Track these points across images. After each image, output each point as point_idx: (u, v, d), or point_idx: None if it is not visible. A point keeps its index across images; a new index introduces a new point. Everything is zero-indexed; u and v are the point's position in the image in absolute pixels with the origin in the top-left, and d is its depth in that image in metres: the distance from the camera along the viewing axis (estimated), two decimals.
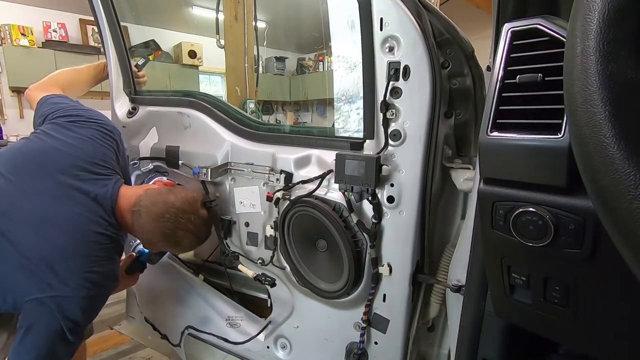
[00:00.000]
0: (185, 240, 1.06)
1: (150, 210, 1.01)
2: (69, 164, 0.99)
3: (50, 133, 1.03)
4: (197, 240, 1.10)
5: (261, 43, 3.19)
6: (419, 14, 0.84)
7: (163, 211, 1.01)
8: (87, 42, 5.53)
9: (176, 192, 1.08)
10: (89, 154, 1.03)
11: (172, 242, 1.05)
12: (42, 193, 0.94)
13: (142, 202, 1.02)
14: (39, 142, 1.02)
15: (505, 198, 0.56)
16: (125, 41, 1.39)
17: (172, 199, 1.04)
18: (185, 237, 1.05)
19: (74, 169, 0.99)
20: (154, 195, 1.05)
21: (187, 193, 1.10)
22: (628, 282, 0.45)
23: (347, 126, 1.03)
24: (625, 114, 0.31)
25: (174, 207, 1.03)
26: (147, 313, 1.55)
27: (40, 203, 0.93)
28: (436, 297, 0.98)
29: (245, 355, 1.33)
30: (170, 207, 1.03)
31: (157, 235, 1.03)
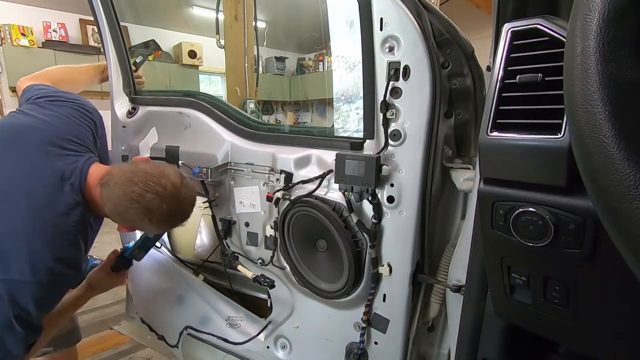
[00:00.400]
0: (155, 204, 0.92)
1: (119, 177, 0.94)
2: (40, 140, 0.95)
3: (27, 112, 1.01)
4: (171, 210, 0.96)
5: (261, 43, 3.19)
6: (419, 14, 0.84)
7: (131, 175, 0.94)
8: (87, 42, 5.53)
9: (149, 163, 1.02)
10: (63, 131, 0.99)
11: (141, 210, 0.92)
12: (4, 168, 0.90)
13: (111, 172, 0.95)
14: (12, 119, 0.99)
15: (505, 198, 0.56)
16: (125, 41, 1.39)
17: (143, 165, 0.97)
18: (155, 201, 0.92)
19: (45, 144, 0.94)
20: (124, 165, 1.00)
21: (161, 163, 1.04)
22: (628, 282, 0.45)
23: (347, 126, 1.03)
24: (625, 113, 0.31)
25: (144, 171, 0.95)
26: (143, 314, 1.55)
27: (1, 179, 0.89)
28: (436, 297, 0.98)
29: (245, 355, 1.33)
30: (140, 171, 0.95)
31: (124, 202, 0.92)
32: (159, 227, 1.03)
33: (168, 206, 0.94)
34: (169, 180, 0.95)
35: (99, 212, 1.00)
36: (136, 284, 1.55)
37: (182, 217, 1.03)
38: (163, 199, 0.93)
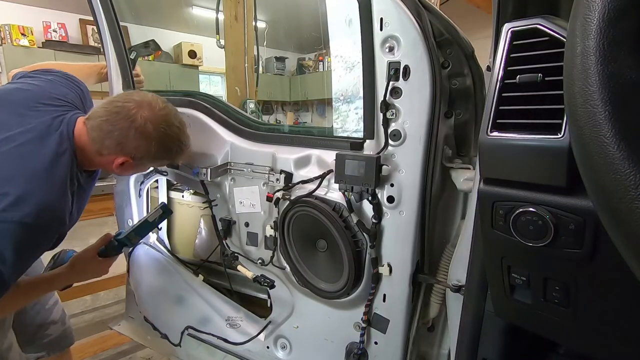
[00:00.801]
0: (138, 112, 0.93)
1: (99, 106, 0.96)
2: (27, 98, 0.95)
3: (14, 82, 1.04)
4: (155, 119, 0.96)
5: (261, 43, 3.19)
6: (419, 14, 0.84)
7: (110, 99, 0.96)
8: (87, 42, 5.53)
9: None
10: (49, 91, 1.00)
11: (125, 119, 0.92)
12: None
13: (92, 110, 0.97)
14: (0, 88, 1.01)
15: (505, 198, 0.56)
16: (125, 41, 1.39)
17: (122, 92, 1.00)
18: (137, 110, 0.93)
19: (32, 102, 0.95)
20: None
21: None
22: (628, 282, 0.45)
23: (347, 126, 1.03)
24: (625, 113, 0.31)
25: (124, 93, 0.98)
26: (146, 312, 1.55)
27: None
28: (436, 297, 0.98)
29: (245, 355, 1.33)
30: (121, 94, 0.99)
31: (108, 118, 0.92)
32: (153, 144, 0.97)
33: (150, 113, 0.95)
34: (142, 94, 0.99)
35: (88, 164, 0.98)
36: (138, 283, 1.55)
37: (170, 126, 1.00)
38: (142, 107, 0.95)
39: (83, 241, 1.24)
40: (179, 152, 1.06)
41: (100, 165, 1.00)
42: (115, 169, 0.98)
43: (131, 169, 1.04)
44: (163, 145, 0.99)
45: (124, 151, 0.96)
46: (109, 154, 0.95)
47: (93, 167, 1.01)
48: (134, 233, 1.16)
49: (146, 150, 0.97)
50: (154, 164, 1.11)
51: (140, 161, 1.00)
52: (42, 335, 1.29)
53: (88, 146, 0.95)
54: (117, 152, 0.95)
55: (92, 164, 0.99)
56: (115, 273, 2.26)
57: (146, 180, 1.47)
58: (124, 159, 0.97)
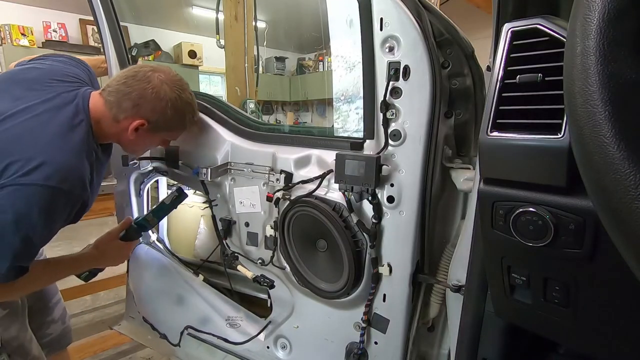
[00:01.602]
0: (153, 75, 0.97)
1: (113, 78, 1.00)
2: (41, 75, 0.98)
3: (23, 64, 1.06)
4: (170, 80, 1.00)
5: (261, 43, 3.18)
6: (419, 14, 0.84)
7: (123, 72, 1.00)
8: (87, 42, 5.53)
9: None
10: (61, 69, 1.03)
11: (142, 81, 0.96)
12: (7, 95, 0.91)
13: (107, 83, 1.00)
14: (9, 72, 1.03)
15: (505, 198, 0.56)
16: (125, 41, 1.39)
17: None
18: (152, 73, 0.97)
19: (46, 78, 0.97)
20: None
21: None
22: (628, 282, 0.45)
23: (347, 126, 1.03)
24: (625, 113, 0.31)
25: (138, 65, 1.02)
26: (145, 312, 1.55)
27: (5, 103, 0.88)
28: (436, 297, 0.98)
29: (245, 355, 1.33)
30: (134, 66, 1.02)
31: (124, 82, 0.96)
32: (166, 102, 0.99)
33: (165, 76, 1.00)
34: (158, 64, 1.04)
35: (104, 136, 1.00)
36: (137, 283, 1.55)
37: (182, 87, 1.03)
38: (156, 70, 0.99)
39: (83, 241, 1.23)
40: (191, 120, 1.10)
41: (116, 134, 1.01)
42: (130, 135, 0.99)
43: (145, 137, 1.03)
44: (178, 109, 1.02)
45: (140, 113, 0.98)
46: (126, 117, 0.97)
47: (108, 139, 1.03)
48: (152, 215, 1.20)
49: (162, 113, 0.99)
50: (167, 133, 1.09)
51: (155, 125, 1.01)
52: (43, 334, 1.29)
53: (105, 115, 0.97)
54: (133, 115, 0.97)
55: (107, 136, 1.01)
56: (116, 273, 2.26)
57: (146, 180, 1.47)
58: (139, 122, 0.98)
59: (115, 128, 0.99)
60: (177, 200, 1.22)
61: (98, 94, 0.99)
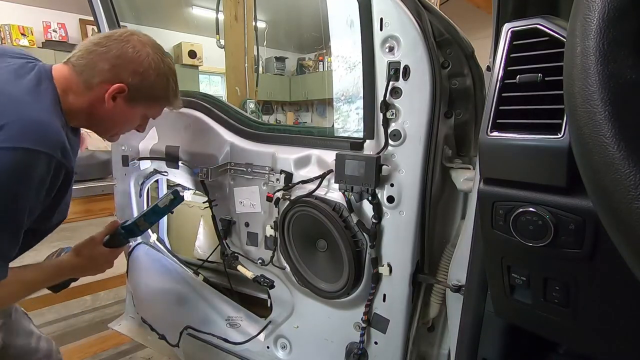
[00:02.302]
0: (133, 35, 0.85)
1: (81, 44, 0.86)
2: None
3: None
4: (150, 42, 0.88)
5: (261, 43, 3.19)
6: (419, 14, 0.84)
7: (97, 35, 0.86)
8: None
9: None
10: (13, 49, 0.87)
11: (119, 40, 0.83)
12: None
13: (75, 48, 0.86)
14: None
15: (505, 198, 0.56)
16: None
17: None
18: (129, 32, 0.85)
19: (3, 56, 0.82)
20: None
21: None
22: (628, 282, 0.45)
23: (347, 126, 1.03)
24: (625, 113, 0.31)
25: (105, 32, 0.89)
26: (144, 313, 1.55)
27: None
28: (436, 297, 0.98)
29: (245, 355, 1.33)
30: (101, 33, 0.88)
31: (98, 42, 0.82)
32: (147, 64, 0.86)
33: (141, 38, 0.87)
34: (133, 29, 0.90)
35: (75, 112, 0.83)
36: (136, 283, 1.55)
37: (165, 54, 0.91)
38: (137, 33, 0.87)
39: None
40: (175, 92, 0.95)
41: (88, 107, 0.85)
42: (107, 103, 0.84)
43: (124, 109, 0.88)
44: (161, 74, 0.89)
45: (119, 75, 0.83)
46: (101, 82, 0.82)
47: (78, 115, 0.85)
48: (143, 219, 1.05)
49: (144, 76, 0.86)
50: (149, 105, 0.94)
51: (136, 93, 0.86)
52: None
53: (73, 81, 0.82)
54: (110, 78, 0.83)
55: (77, 111, 0.84)
56: (116, 273, 2.26)
57: (146, 180, 1.47)
58: (118, 86, 0.83)
59: (86, 97, 0.83)
60: (172, 204, 1.08)
61: (62, 63, 0.84)
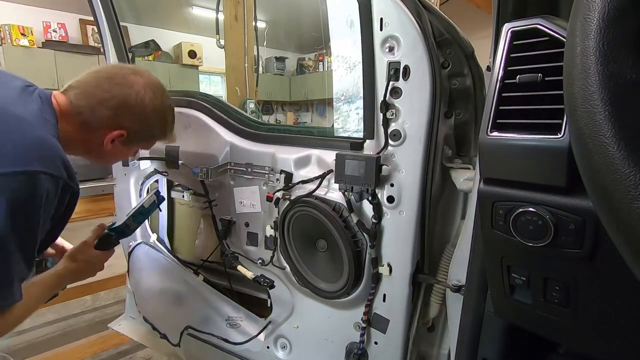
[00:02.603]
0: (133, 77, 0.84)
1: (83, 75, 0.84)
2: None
3: None
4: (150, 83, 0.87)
5: (261, 43, 3.19)
6: (419, 14, 0.84)
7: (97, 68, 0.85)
8: (87, 42, 5.53)
9: None
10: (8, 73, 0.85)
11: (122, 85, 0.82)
12: None
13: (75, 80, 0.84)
14: None
15: (505, 198, 0.56)
16: (125, 41, 1.39)
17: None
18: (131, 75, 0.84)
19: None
20: None
21: None
22: (628, 282, 0.45)
23: (347, 126, 1.03)
24: (625, 113, 0.31)
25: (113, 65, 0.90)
26: (145, 312, 1.55)
27: None
28: (436, 297, 0.98)
29: (245, 355, 1.33)
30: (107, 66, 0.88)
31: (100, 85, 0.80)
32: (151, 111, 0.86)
33: (143, 79, 0.86)
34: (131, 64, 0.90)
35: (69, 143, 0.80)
36: (137, 283, 1.55)
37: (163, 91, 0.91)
38: (135, 72, 0.86)
39: None
40: (171, 128, 0.98)
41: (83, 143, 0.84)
42: (106, 147, 0.85)
43: (121, 149, 0.90)
44: (162, 118, 0.91)
45: (120, 123, 0.83)
46: (100, 127, 0.82)
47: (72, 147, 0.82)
48: (132, 219, 1.08)
49: (144, 121, 0.87)
50: (145, 144, 0.97)
51: (136, 136, 0.88)
52: None
53: (71, 117, 0.80)
54: (110, 125, 0.83)
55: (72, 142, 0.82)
56: (116, 273, 2.26)
57: (146, 180, 1.47)
58: (119, 133, 0.84)
59: (83, 135, 0.83)
60: (155, 204, 1.13)
61: (60, 93, 0.82)
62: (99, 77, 0.82)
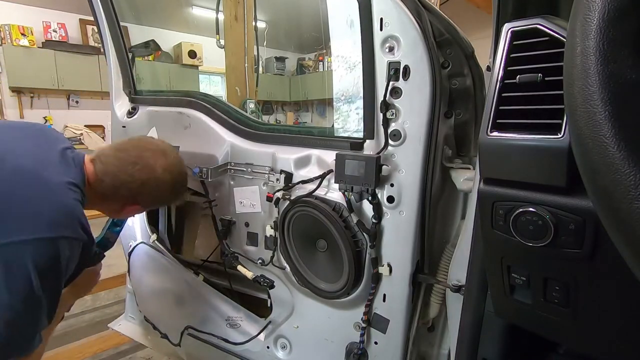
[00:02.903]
0: (154, 160, 0.93)
1: (108, 150, 0.93)
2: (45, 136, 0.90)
3: None
4: (170, 165, 0.96)
5: (261, 43, 3.19)
6: (419, 14, 0.84)
7: (119, 145, 0.94)
8: (87, 42, 5.54)
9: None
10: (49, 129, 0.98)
11: (144, 169, 0.91)
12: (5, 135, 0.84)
13: (99, 151, 0.94)
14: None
15: (505, 198, 0.56)
16: (125, 41, 1.39)
17: (125, 139, 0.99)
18: (154, 158, 0.93)
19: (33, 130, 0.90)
20: (106, 145, 1.01)
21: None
22: (628, 282, 0.45)
23: (347, 126, 1.03)
24: (625, 113, 0.31)
25: (129, 140, 0.97)
26: (146, 312, 1.55)
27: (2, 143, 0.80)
28: (436, 297, 0.98)
29: (245, 355, 1.33)
30: (125, 141, 0.97)
31: (125, 167, 0.90)
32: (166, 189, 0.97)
33: (166, 160, 0.96)
34: (155, 140, 1.00)
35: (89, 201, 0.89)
36: (138, 283, 1.55)
37: (181, 172, 1.02)
38: (159, 154, 0.95)
39: None
40: (182, 197, 1.13)
41: (101, 207, 0.96)
42: (121, 212, 0.98)
43: (135, 212, 1.03)
44: (175, 191, 1.03)
45: (138, 200, 0.96)
46: (119, 201, 0.95)
47: (92, 207, 0.94)
48: (110, 232, 1.17)
49: (160, 198, 1.01)
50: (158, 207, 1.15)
51: (151, 206, 1.04)
52: None
53: (95, 189, 0.90)
54: (128, 201, 0.95)
55: (92, 204, 0.93)
56: (116, 273, 2.27)
57: None
58: (135, 207, 0.98)
59: (104, 202, 0.94)
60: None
61: (90, 161, 0.91)
62: (125, 161, 0.92)
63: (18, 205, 0.72)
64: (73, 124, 5.47)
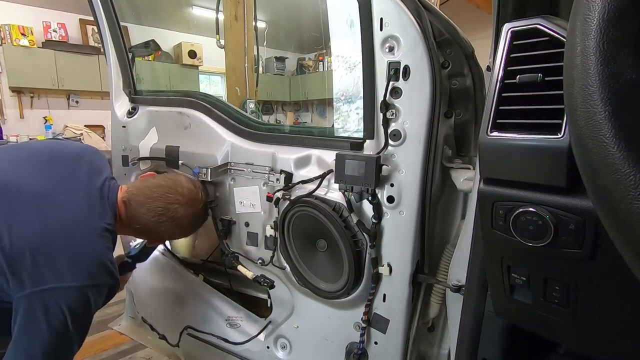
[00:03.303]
0: (180, 213, 1.04)
1: (138, 195, 1.03)
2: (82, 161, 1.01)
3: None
4: (194, 213, 1.09)
5: (261, 43, 3.19)
6: (419, 14, 0.84)
7: (149, 192, 1.03)
8: (87, 42, 5.54)
9: (158, 176, 1.14)
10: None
11: (169, 221, 1.03)
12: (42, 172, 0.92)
13: (130, 191, 1.04)
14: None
15: (505, 198, 0.56)
16: (125, 41, 1.39)
17: (155, 180, 1.09)
18: (180, 210, 1.04)
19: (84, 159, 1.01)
20: (137, 183, 1.10)
21: (168, 174, 1.16)
22: (628, 282, 0.45)
23: (347, 126, 1.03)
24: (625, 113, 0.31)
25: (158, 185, 1.06)
26: (144, 313, 1.55)
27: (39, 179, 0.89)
28: (436, 297, 0.98)
29: (245, 355, 1.33)
30: (155, 185, 1.05)
31: (152, 219, 1.01)
32: (186, 232, 1.15)
33: (192, 210, 1.07)
34: (184, 187, 1.07)
35: (123, 231, 1.06)
36: (137, 283, 1.55)
37: (204, 216, 1.16)
38: (185, 205, 1.05)
39: None
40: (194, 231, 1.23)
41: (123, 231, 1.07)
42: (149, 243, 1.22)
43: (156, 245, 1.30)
44: (190, 229, 1.15)
45: (161, 241, 1.19)
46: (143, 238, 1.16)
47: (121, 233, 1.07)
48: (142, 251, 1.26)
49: (174, 236, 1.20)
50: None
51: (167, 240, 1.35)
52: None
53: (124, 225, 1.03)
54: (151, 239, 1.16)
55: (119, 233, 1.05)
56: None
57: None
58: (155, 242, 1.22)
59: (129, 232, 1.08)
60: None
61: (122, 200, 1.01)
62: (154, 212, 1.02)
63: (59, 251, 0.82)
64: (73, 124, 5.47)
